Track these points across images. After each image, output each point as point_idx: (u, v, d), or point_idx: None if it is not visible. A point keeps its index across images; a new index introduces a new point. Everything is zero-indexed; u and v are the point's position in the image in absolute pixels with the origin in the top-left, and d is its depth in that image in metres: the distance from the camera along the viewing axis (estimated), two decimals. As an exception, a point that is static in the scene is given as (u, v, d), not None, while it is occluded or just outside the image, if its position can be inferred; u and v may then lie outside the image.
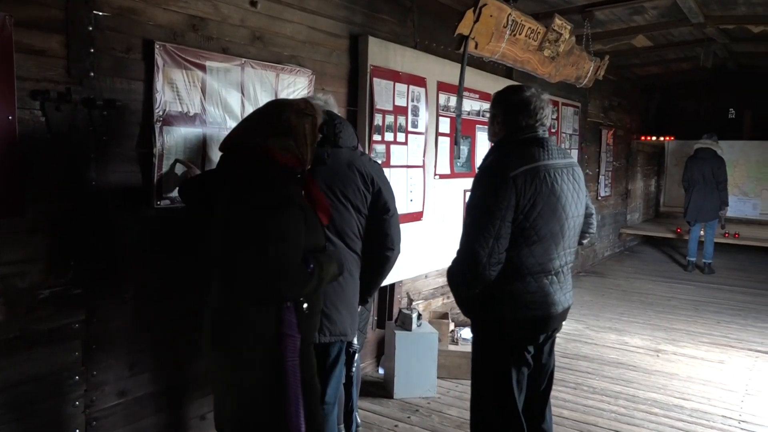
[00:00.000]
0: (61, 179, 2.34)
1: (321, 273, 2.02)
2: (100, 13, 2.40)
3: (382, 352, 4.32)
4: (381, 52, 3.90)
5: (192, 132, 2.78)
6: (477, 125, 5.11)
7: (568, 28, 4.59)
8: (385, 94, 3.92)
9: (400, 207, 3.08)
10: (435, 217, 4.56)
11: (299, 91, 3.32)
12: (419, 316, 4.06)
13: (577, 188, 2.43)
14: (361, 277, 2.72)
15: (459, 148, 4.06)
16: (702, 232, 8.09)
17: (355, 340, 2.96)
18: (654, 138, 10.34)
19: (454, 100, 4.28)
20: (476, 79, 4.95)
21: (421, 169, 4.38)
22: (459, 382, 4.13)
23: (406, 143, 4.16)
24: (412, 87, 4.19)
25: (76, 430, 2.45)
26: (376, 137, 3.86)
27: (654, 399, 3.94)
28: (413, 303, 4.34)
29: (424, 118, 4.37)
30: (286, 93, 3.26)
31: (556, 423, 3.47)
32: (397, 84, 4.03)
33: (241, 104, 3.02)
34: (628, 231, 9.80)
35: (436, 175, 4.61)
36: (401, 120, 4.09)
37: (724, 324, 5.73)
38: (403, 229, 2.89)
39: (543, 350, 2.52)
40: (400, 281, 4.32)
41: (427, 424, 3.59)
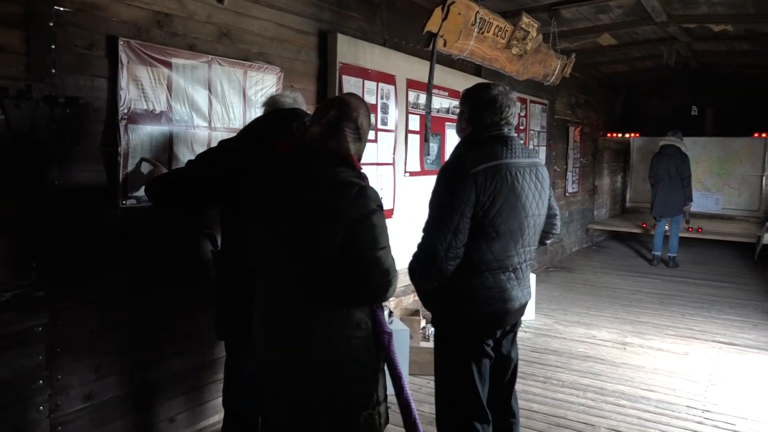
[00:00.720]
0: (23, 179, 2.28)
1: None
2: (62, 9, 2.35)
3: (354, 349, 4.30)
4: (350, 50, 3.89)
5: (158, 130, 2.74)
6: (447, 122, 5.14)
7: (536, 26, 4.65)
8: (355, 92, 3.91)
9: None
10: (405, 214, 4.57)
11: (267, 89, 3.30)
12: (390, 314, 4.07)
13: (539, 188, 2.46)
14: None
15: (429, 145, 4.08)
16: (667, 227, 8.28)
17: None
18: (620, 135, 10.54)
19: (424, 98, 4.29)
20: (445, 76, 4.98)
21: (391, 167, 4.38)
22: (431, 379, 4.07)
23: (375, 141, 4.16)
24: (381, 84, 4.20)
25: (41, 436, 2.40)
26: (346, 135, 3.83)
27: (621, 391, 4.01)
28: (384, 300, 4.33)
29: (394, 115, 4.38)
30: (254, 90, 3.23)
31: (526, 417, 3.52)
32: (366, 81, 4.03)
33: (209, 102, 2.98)
34: (596, 226, 9.96)
35: (406, 172, 4.62)
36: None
37: (688, 316, 5.87)
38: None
39: (503, 343, 2.55)
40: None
41: (399, 421, 3.56)
